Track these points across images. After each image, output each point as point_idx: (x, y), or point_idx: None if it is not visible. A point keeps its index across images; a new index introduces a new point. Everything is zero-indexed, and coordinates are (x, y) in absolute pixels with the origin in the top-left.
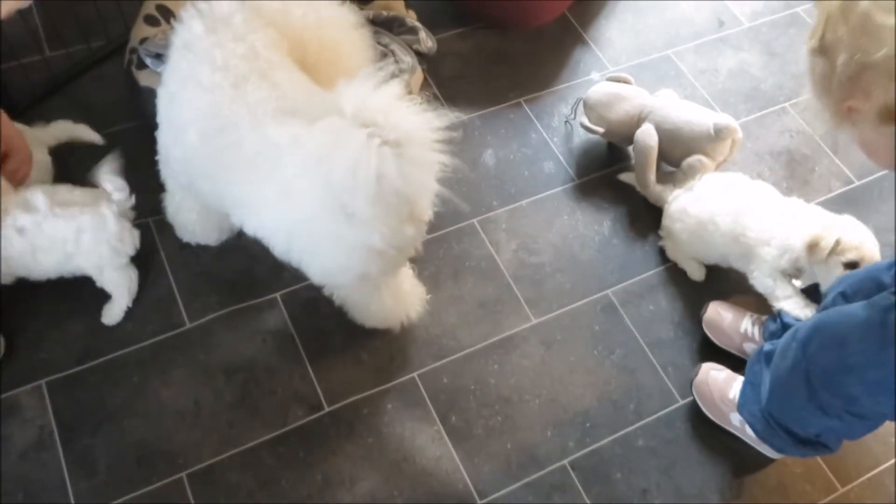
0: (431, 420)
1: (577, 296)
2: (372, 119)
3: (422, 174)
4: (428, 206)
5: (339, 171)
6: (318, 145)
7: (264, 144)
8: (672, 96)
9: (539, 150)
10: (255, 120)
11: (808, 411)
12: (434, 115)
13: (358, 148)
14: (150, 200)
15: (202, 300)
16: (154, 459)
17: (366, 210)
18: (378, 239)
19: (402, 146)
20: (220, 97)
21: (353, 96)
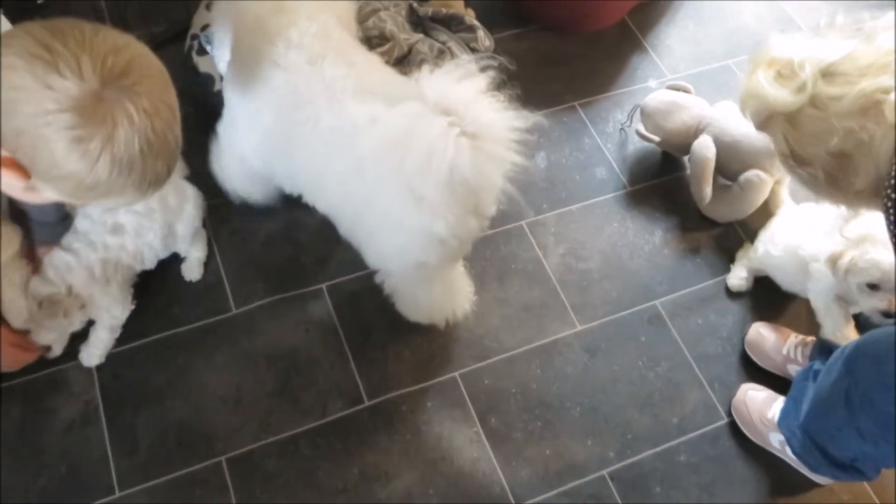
0: (471, 421)
1: (624, 305)
2: (453, 108)
3: (493, 170)
4: (493, 201)
5: (413, 155)
6: (395, 127)
7: (341, 121)
8: (732, 108)
9: (592, 156)
10: (332, 96)
11: (845, 433)
12: (514, 114)
13: (436, 135)
14: (203, 185)
15: (249, 287)
16: (194, 441)
17: (434, 196)
18: (442, 226)
19: (479, 139)
20: (295, 74)
21: (437, 84)
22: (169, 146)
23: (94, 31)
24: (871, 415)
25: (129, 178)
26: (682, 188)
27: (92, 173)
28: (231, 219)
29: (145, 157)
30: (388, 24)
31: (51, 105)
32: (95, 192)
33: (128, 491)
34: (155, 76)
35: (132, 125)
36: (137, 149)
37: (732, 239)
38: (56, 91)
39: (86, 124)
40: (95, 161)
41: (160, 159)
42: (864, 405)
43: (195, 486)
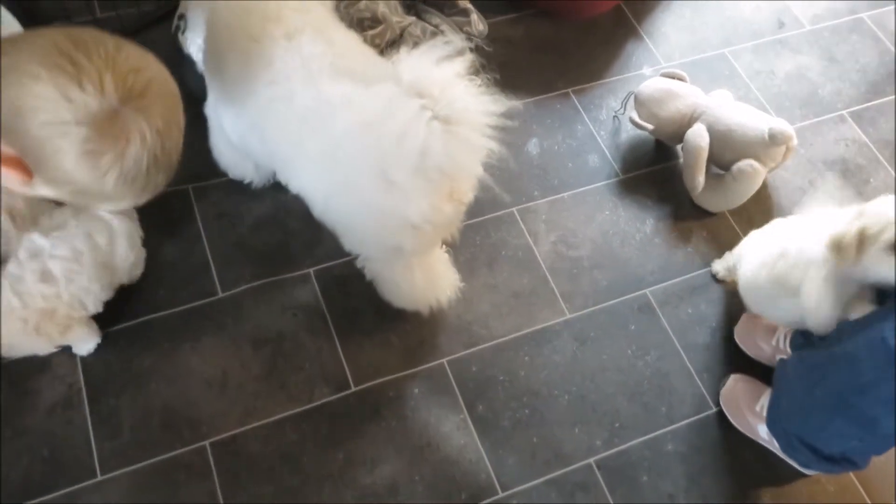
0: (458, 408)
1: (615, 293)
2: (428, 91)
3: (467, 156)
4: (469, 188)
5: (386, 137)
6: (369, 109)
7: (316, 100)
8: (727, 97)
9: (585, 143)
10: (308, 74)
11: (829, 432)
12: (491, 99)
13: (408, 117)
14: (189, 167)
15: (236, 271)
16: (178, 425)
17: (406, 181)
18: (415, 212)
19: (453, 124)
20: (272, 48)
21: (414, 66)
22: (173, 162)
23: (118, 48)
24: (850, 416)
25: (132, 189)
26: (675, 177)
27: (98, 184)
28: (218, 201)
29: (150, 172)
30: (380, 7)
31: (68, 116)
32: (95, 198)
33: (110, 474)
34: (169, 97)
35: (144, 144)
36: (145, 166)
37: (724, 228)
38: (75, 104)
39: (100, 139)
40: (104, 175)
41: (162, 173)
42: (844, 410)
43: (179, 470)
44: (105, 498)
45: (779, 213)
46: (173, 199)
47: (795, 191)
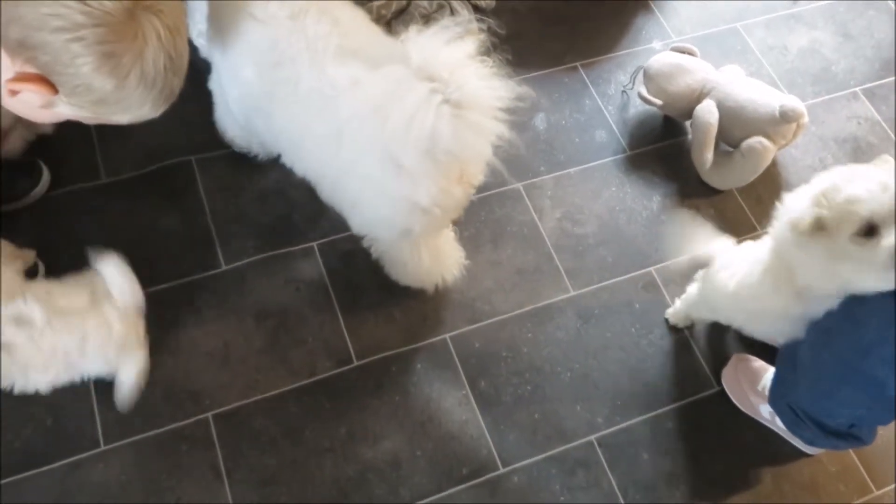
0: (460, 383)
1: (620, 271)
2: (437, 74)
3: (477, 140)
4: (479, 171)
5: (394, 121)
6: (377, 92)
7: (321, 83)
8: (738, 73)
9: (592, 118)
10: (313, 56)
11: (836, 402)
12: (503, 83)
13: (417, 101)
14: (193, 138)
15: (239, 243)
16: (181, 397)
17: (415, 165)
18: (424, 195)
19: (463, 108)
20: (276, 29)
21: (423, 47)
22: (184, 64)
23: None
24: (856, 382)
25: (151, 93)
26: (683, 153)
27: (120, 88)
28: (222, 174)
29: (167, 73)
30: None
31: (82, 19)
32: (116, 106)
33: (113, 444)
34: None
35: (160, 43)
36: (162, 65)
37: (732, 207)
38: (89, 6)
39: (117, 39)
40: (125, 77)
41: (177, 76)
42: (849, 376)
43: (181, 442)
44: (108, 468)
45: (788, 191)
46: (176, 171)
47: (805, 169)
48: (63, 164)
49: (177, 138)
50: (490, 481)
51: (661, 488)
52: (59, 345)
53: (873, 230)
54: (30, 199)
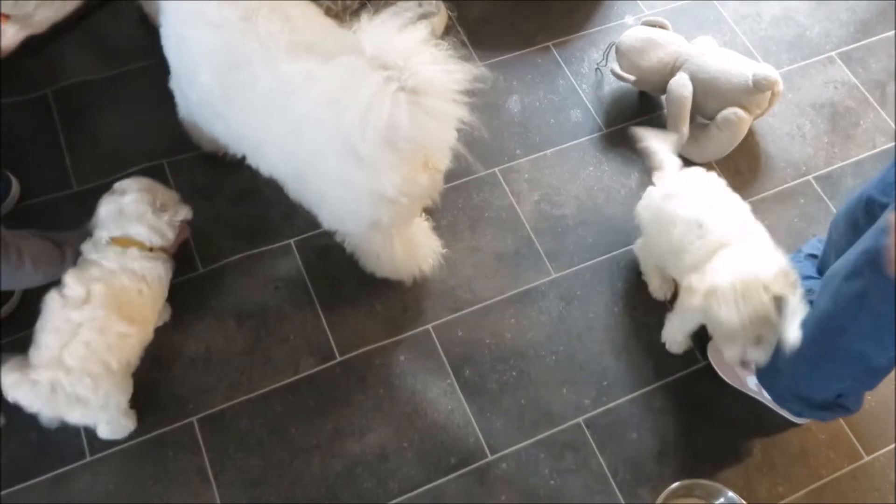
0: (445, 373)
1: (600, 251)
2: (392, 62)
3: (437, 125)
4: (444, 156)
5: (350, 112)
6: (331, 84)
7: (276, 80)
8: (710, 44)
9: (566, 98)
10: (267, 55)
11: (821, 379)
12: (459, 65)
13: (372, 90)
14: (163, 141)
15: (215, 245)
16: (164, 403)
17: (375, 155)
18: (388, 185)
19: (420, 94)
20: (229, 32)
21: (375, 36)
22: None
23: None
24: (839, 358)
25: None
26: (659, 128)
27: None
28: (194, 176)
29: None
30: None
31: None
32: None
33: (99, 455)
34: None
35: None
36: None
37: None
38: None
39: None
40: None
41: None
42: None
43: (167, 447)
44: (95, 478)
45: (767, 161)
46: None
47: (783, 137)
48: (32, 175)
49: (147, 143)
50: (479, 469)
51: (650, 466)
52: None
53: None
54: (1, 211)
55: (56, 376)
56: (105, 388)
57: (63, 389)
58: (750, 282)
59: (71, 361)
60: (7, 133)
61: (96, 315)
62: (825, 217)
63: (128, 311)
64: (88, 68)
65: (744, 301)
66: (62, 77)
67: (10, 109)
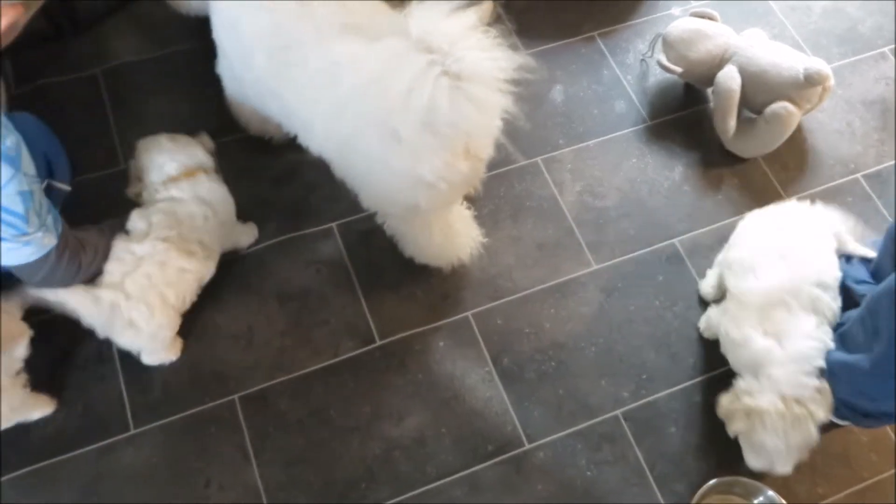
0: (483, 360)
1: (642, 243)
2: (437, 46)
3: (479, 113)
4: (486, 145)
5: (392, 93)
6: (375, 65)
7: (326, 60)
8: (760, 36)
9: (611, 88)
10: (320, 36)
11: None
12: (505, 53)
13: (415, 73)
14: (210, 123)
15: (258, 226)
16: (207, 381)
17: (413, 138)
18: (427, 170)
19: (463, 80)
20: (285, 14)
21: (423, 19)
22: None
23: None
24: None
25: None
26: (705, 122)
27: None
28: (238, 157)
29: None
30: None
31: None
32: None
33: (143, 428)
34: None
35: None
36: None
37: (756, 175)
38: None
39: None
40: None
41: None
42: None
43: (209, 424)
44: (138, 450)
45: (814, 158)
46: None
47: (832, 134)
48: (82, 152)
49: (192, 124)
50: (515, 457)
51: (688, 461)
52: None
53: None
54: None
55: (117, 299)
56: (158, 320)
57: (120, 312)
58: (800, 414)
59: (131, 289)
60: (57, 111)
61: (157, 250)
62: (873, 216)
63: (192, 242)
64: (136, 49)
65: (793, 430)
66: (111, 57)
67: (60, 88)
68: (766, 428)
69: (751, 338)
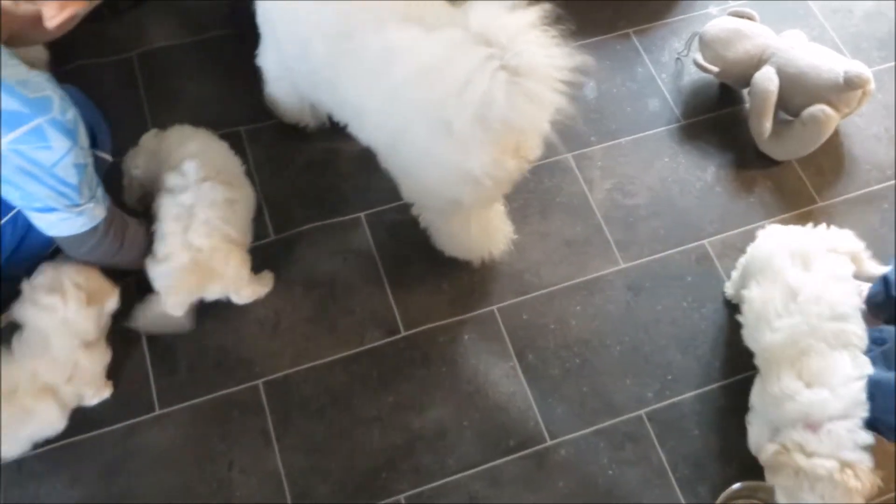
0: (507, 355)
1: (672, 243)
2: (496, 40)
3: (533, 110)
4: (536, 143)
5: (447, 84)
6: (433, 54)
7: (383, 48)
8: (799, 38)
9: (645, 86)
10: (379, 24)
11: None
12: (563, 52)
13: (473, 65)
14: (242, 109)
15: (287, 213)
16: (232, 365)
17: (466, 131)
18: (476, 165)
19: (520, 76)
20: (345, 2)
21: (483, 13)
22: None
23: None
24: None
25: None
26: (740, 123)
27: None
28: (270, 144)
29: None
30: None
31: None
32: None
33: (168, 409)
34: None
35: None
36: None
37: (790, 178)
38: None
39: None
40: None
41: None
42: None
43: (233, 407)
44: (163, 431)
45: (850, 162)
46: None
47: (869, 139)
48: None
49: (225, 110)
50: (537, 453)
51: (712, 465)
52: None
53: None
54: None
55: (193, 256)
56: (234, 260)
57: (201, 266)
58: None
59: (198, 241)
60: (92, 93)
61: (203, 191)
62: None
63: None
64: (172, 34)
65: (839, 497)
66: (146, 41)
67: (95, 71)
68: (814, 492)
69: (796, 391)
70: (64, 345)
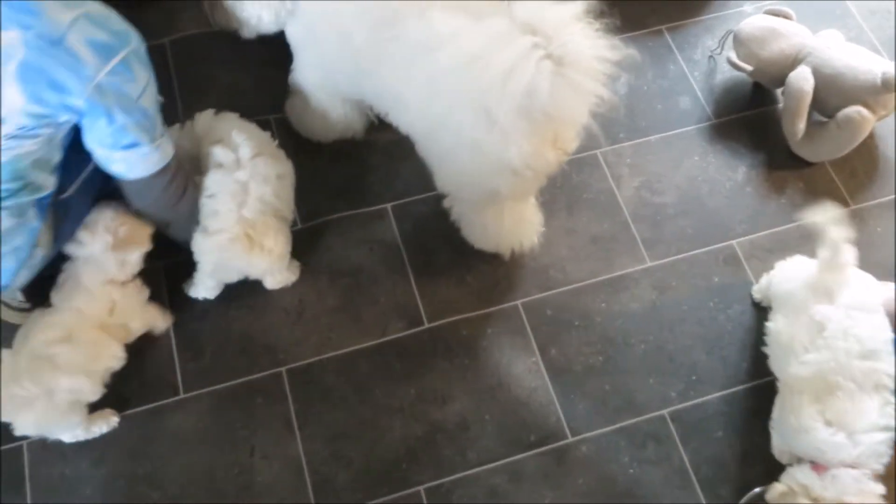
0: (531, 350)
1: (699, 243)
2: (542, 29)
3: (575, 100)
4: (574, 136)
5: (491, 73)
6: (476, 43)
7: (425, 35)
8: (836, 38)
9: (676, 84)
10: (422, 10)
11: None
12: (608, 44)
13: (518, 54)
14: (272, 98)
15: (313, 203)
16: (256, 351)
17: (508, 120)
18: (516, 155)
19: (565, 66)
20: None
21: (529, 2)
22: None
23: None
24: None
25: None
26: (773, 123)
27: None
28: (299, 133)
29: None
30: None
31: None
32: None
33: (192, 393)
34: None
35: None
36: None
37: (823, 180)
38: None
39: None
40: None
41: None
42: None
43: (256, 394)
44: (186, 415)
45: (885, 165)
46: None
47: None
48: None
49: (255, 98)
50: (558, 449)
51: (734, 467)
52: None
53: None
54: None
55: (247, 231)
56: (282, 238)
57: (253, 242)
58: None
59: (252, 216)
60: None
61: (256, 167)
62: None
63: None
64: (205, 21)
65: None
66: (179, 28)
67: None
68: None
69: (813, 428)
70: (91, 279)
